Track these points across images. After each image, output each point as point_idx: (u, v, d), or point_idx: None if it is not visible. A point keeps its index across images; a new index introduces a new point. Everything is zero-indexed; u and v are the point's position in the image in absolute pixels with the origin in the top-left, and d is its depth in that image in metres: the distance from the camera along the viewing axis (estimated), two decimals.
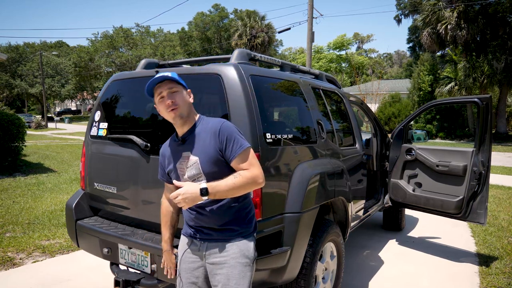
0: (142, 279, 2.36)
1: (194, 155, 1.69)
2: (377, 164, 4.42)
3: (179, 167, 1.74)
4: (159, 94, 1.68)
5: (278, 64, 3.05)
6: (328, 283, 2.83)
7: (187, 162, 1.70)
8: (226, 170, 1.66)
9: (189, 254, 1.79)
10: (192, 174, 1.69)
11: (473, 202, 3.72)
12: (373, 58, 55.92)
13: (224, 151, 1.65)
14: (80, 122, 41.24)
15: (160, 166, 1.89)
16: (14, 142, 8.95)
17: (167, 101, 1.65)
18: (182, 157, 1.73)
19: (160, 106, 1.69)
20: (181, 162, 1.73)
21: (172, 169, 1.77)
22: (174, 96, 1.66)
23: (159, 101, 1.69)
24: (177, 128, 1.74)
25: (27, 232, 4.68)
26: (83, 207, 2.83)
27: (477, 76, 19.92)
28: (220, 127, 1.66)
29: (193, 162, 1.68)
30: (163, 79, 1.66)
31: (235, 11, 48.54)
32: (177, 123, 1.70)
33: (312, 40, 15.31)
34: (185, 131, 1.73)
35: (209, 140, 1.67)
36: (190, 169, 1.69)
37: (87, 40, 46.85)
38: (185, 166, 1.71)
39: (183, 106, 1.68)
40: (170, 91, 1.67)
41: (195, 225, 1.76)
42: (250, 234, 1.77)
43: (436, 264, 3.91)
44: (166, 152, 1.83)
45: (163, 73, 1.69)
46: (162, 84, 1.67)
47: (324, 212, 3.04)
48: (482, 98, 3.67)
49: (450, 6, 20.47)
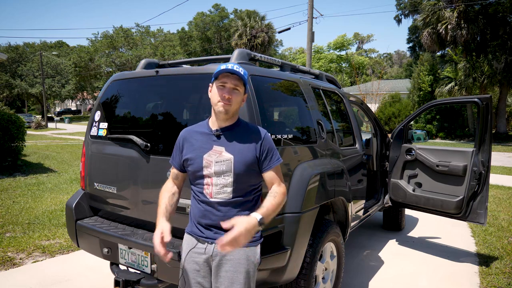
0: (142, 279, 2.36)
1: (228, 153, 1.68)
2: (377, 164, 4.42)
3: (207, 158, 1.69)
4: (222, 83, 1.66)
5: (278, 64, 3.06)
6: (328, 283, 2.83)
7: (217, 156, 1.68)
8: (252, 177, 1.72)
9: (194, 254, 1.74)
10: (221, 170, 1.67)
11: (473, 202, 3.72)
12: (373, 58, 55.93)
13: (262, 160, 1.71)
14: (80, 122, 41.25)
15: (177, 150, 1.82)
16: (14, 142, 8.95)
17: (225, 94, 1.65)
18: (212, 149, 1.70)
19: (216, 91, 1.67)
20: (210, 154, 1.69)
21: (194, 158, 1.72)
22: (233, 93, 1.67)
23: (218, 87, 1.67)
24: (217, 120, 1.72)
25: (27, 232, 4.68)
26: (83, 207, 2.83)
27: (477, 76, 19.93)
28: (264, 137, 1.74)
29: (226, 159, 1.67)
30: (235, 72, 1.65)
31: (235, 11, 48.60)
32: (220, 116, 1.69)
33: (312, 40, 15.30)
34: (223, 126, 1.72)
35: (249, 144, 1.70)
36: (220, 165, 1.67)
37: (87, 40, 46.93)
38: (213, 160, 1.68)
39: (235, 106, 1.69)
40: (234, 87, 1.67)
41: (205, 223, 1.72)
42: (258, 240, 1.76)
43: (436, 264, 3.91)
44: (191, 138, 1.78)
45: (238, 68, 1.66)
46: (232, 76, 1.66)
47: (324, 212, 3.04)
48: (482, 98, 3.66)
49: (450, 6, 20.48)
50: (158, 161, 2.36)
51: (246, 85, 1.71)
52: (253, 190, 1.75)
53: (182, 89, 2.51)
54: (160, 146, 2.40)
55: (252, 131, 1.75)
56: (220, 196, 1.68)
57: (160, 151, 2.38)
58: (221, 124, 1.72)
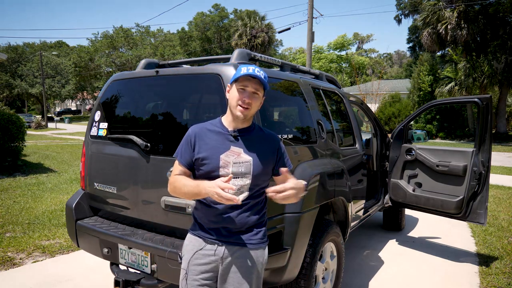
0: (142, 279, 2.36)
1: (247, 154, 1.67)
2: (377, 164, 4.42)
3: (224, 158, 1.65)
4: (243, 86, 1.64)
5: (278, 64, 3.06)
6: (328, 283, 2.83)
7: (236, 157, 1.66)
8: (266, 180, 1.75)
9: (201, 255, 1.70)
10: (240, 171, 1.64)
11: (473, 202, 3.72)
12: (373, 58, 55.92)
13: (278, 161, 1.77)
14: (80, 122, 41.24)
15: (187, 147, 1.72)
16: (14, 142, 8.96)
17: (245, 99, 1.63)
18: (230, 150, 1.67)
19: (236, 94, 1.65)
20: (228, 155, 1.66)
21: (210, 157, 1.67)
22: (253, 98, 1.66)
23: (238, 89, 1.65)
24: (233, 122, 1.71)
25: (27, 232, 4.68)
26: (83, 207, 2.83)
27: (477, 76, 19.93)
28: (280, 142, 1.82)
29: (245, 161, 1.66)
30: (257, 77, 1.63)
31: (235, 11, 48.60)
32: (238, 119, 1.68)
33: (312, 40, 15.30)
34: (240, 127, 1.71)
35: (266, 147, 1.74)
36: (239, 166, 1.65)
37: (87, 40, 46.92)
38: (231, 161, 1.65)
39: (253, 110, 1.69)
40: (254, 91, 1.65)
41: (214, 224, 1.69)
42: (265, 242, 1.76)
43: (436, 264, 3.91)
44: (204, 136, 1.71)
45: (260, 72, 1.65)
46: (253, 80, 1.64)
47: (324, 212, 3.04)
48: (482, 98, 3.66)
49: (450, 6, 20.48)
50: (158, 161, 2.36)
51: (266, 89, 1.70)
52: (263, 193, 1.73)
53: (182, 89, 2.51)
54: (160, 146, 2.40)
55: (268, 135, 1.79)
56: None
57: (160, 151, 2.38)
58: (237, 125, 1.71)
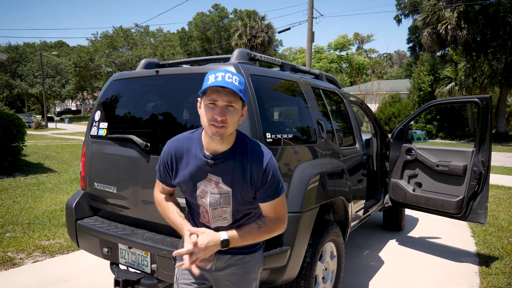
0: (142, 279, 2.36)
1: (226, 185, 1.46)
2: (377, 164, 4.42)
3: (201, 188, 1.49)
4: (212, 100, 1.36)
5: (278, 64, 3.06)
6: (328, 283, 2.83)
7: (213, 187, 1.48)
8: (253, 206, 1.54)
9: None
10: (218, 202, 1.48)
11: (473, 202, 3.72)
12: (373, 58, 55.94)
13: (260, 188, 1.46)
14: (80, 122, 41.24)
15: (164, 168, 1.58)
16: (14, 142, 8.95)
17: (217, 116, 1.34)
18: (207, 178, 1.47)
19: (206, 112, 1.37)
20: (205, 184, 1.48)
21: (186, 184, 1.51)
22: (227, 113, 1.36)
23: (207, 105, 1.37)
24: (211, 143, 1.44)
25: (27, 232, 4.68)
26: (83, 207, 2.83)
27: (477, 76, 19.93)
28: (268, 164, 1.45)
29: (223, 192, 1.47)
30: (228, 87, 1.33)
31: (235, 11, 48.59)
32: (214, 139, 1.40)
33: (312, 40, 15.31)
34: (219, 151, 1.45)
35: (249, 174, 1.45)
36: (216, 197, 1.48)
37: (87, 40, 47.00)
38: (209, 191, 1.48)
39: (231, 127, 1.39)
40: (227, 104, 1.36)
41: None
42: (261, 246, 1.72)
43: (436, 264, 3.91)
44: (181, 159, 1.52)
45: (231, 78, 1.36)
46: (223, 91, 1.35)
47: (324, 212, 3.04)
48: (482, 98, 3.67)
49: (450, 6, 20.47)
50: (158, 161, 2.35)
51: (244, 98, 1.39)
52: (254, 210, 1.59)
53: (182, 89, 2.51)
54: (160, 146, 2.40)
55: (253, 157, 1.46)
56: (219, 223, 1.55)
57: (160, 151, 2.38)
58: (216, 148, 1.44)
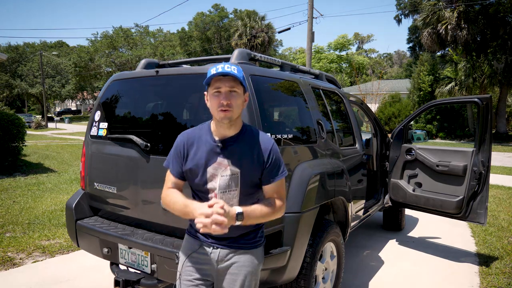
0: (142, 279, 2.36)
1: (234, 166, 1.57)
2: (377, 164, 4.42)
3: (211, 172, 1.58)
4: (216, 88, 1.52)
5: (278, 64, 3.06)
6: (328, 283, 2.83)
7: (223, 170, 1.57)
8: (259, 189, 1.64)
9: (197, 256, 1.68)
10: (227, 185, 1.57)
11: (473, 202, 3.72)
12: (373, 58, 55.94)
13: (265, 171, 1.60)
14: (80, 122, 41.24)
15: (177, 157, 1.65)
16: (14, 142, 8.95)
17: (222, 101, 1.50)
18: (217, 162, 1.57)
19: (212, 100, 1.54)
20: (215, 168, 1.57)
21: (197, 169, 1.59)
22: (231, 97, 1.52)
23: (213, 94, 1.53)
24: (220, 128, 1.58)
25: (27, 232, 4.68)
26: (83, 207, 2.83)
27: (477, 76, 19.92)
28: (272, 147, 1.61)
29: (232, 174, 1.57)
30: (228, 74, 1.50)
31: (235, 11, 48.57)
32: (223, 124, 1.55)
33: (312, 40, 15.31)
34: (228, 136, 1.59)
35: (256, 155, 1.58)
36: (226, 179, 1.56)
37: (87, 40, 46.96)
38: (219, 174, 1.57)
39: (236, 109, 1.54)
40: (230, 89, 1.52)
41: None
42: (261, 243, 1.74)
43: (436, 264, 3.91)
44: (193, 146, 1.62)
45: (230, 67, 1.51)
46: (224, 79, 1.51)
47: (324, 212, 3.04)
48: (482, 98, 3.67)
49: (450, 6, 20.47)
50: (158, 161, 2.35)
51: (244, 83, 1.56)
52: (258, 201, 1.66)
53: (182, 89, 2.51)
54: (160, 146, 2.40)
55: (259, 140, 1.61)
56: None
57: (160, 151, 2.38)
58: (225, 133, 1.59)
